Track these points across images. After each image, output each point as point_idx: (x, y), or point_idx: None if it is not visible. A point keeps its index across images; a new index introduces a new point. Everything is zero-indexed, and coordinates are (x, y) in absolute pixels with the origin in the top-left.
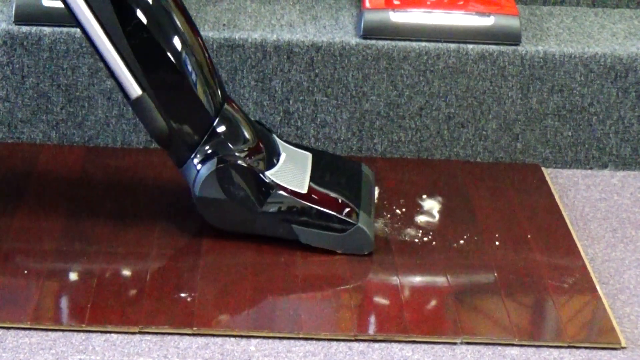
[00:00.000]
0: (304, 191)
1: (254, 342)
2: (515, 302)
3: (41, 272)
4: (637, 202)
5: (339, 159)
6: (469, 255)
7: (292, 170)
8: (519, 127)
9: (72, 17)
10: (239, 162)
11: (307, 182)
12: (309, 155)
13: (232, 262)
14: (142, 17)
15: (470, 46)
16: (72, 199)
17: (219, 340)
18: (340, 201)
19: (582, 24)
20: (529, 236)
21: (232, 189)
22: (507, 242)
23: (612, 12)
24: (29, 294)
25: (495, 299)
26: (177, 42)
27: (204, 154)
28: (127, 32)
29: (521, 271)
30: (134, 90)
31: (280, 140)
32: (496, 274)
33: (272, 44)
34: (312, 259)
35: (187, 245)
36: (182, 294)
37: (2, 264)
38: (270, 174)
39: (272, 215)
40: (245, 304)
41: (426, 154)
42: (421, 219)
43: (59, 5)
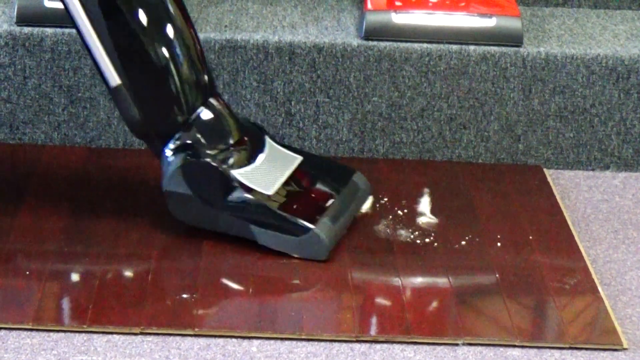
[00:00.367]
0: (270, 193)
1: (256, 343)
2: (516, 303)
3: (43, 273)
4: (638, 203)
5: (331, 165)
6: (471, 256)
7: (267, 171)
8: (520, 128)
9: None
10: (206, 159)
11: (278, 184)
12: (299, 158)
13: (234, 263)
14: (123, 7)
15: (472, 47)
16: (74, 199)
17: (221, 341)
18: (300, 206)
19: (584, 26)
20: (531, 237)
21: (197, 185)
22: (509, 243)
23: (614, 14)
24: (30, 295)
25: (496, 300)
26: (157, 36)
27: (175, 147)
28: (109, 21)
29: (523, 272)
30: (113, 79)
31: (272, 141)
32: (498, 275)
33: (274, 45)
34: (313, 260)
35: (188, 246)
36: (184, 295)
37: (3, 265)
38: (238, 173)
39: (232, 214)
40: (246, 304)
41: (428, 155)
42: (423, 220)
43: (60, 6)
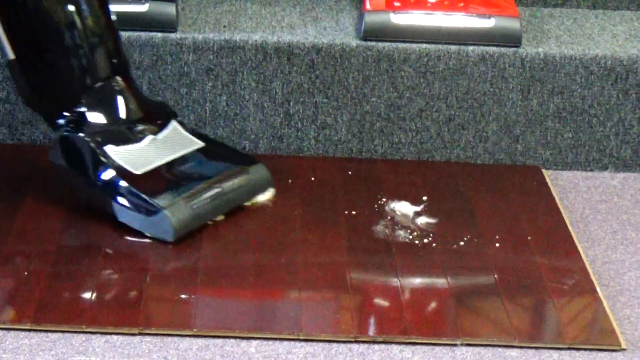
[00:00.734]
0: (138, 172)
1: (254, 343)
2: (515, 304)
3: (41, 273)
4: (637, 203)
5: (233, 154)
6: (469, 256)
7: (148, 152)
8: (519, 128)
9: None
10: (80, 134)
11: (152, 166)
12: (198, 144)
13: (232, 263)
14: None
15: (470, 48)
16: (73, 199)
17: (219, 341)
18: (162, 187)
19: (583, 26)
20: (529, 238)
21: (72, 159)
22: (507, 244)
23: (613, 14)
24: (29, 295)
25: (495, 301)
26: (51, 13)
27: (63, 122)
28: None
29: (521, 273)
30: (8, 53)
31: (179, 125)
32: (496, 276)
33: (272, 45)
34: (312, 260)
35: (187, 246)
36: (182, 295)
37: (2, 265)
38: (114, 150)
39: (99, 189)
40: (245, 305)
41: (426, 156)
42: (421, 220)
43: None
